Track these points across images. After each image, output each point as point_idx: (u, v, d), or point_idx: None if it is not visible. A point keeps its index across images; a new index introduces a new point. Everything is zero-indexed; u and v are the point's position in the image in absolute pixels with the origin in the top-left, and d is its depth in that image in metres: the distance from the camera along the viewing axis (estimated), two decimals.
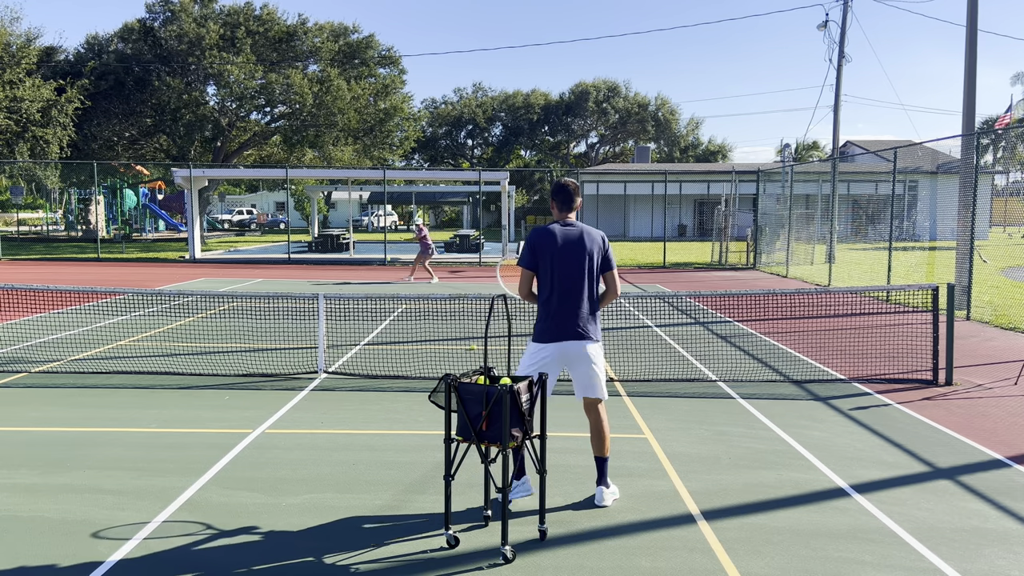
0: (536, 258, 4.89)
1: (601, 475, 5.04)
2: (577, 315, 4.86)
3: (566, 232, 4.92)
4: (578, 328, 4.87)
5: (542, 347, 4.89)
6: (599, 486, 5.01)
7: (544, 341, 4.88)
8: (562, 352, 4.87)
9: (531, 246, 4.91)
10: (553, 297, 4.86)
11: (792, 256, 22.96)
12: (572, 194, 5.04)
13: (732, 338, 11.31)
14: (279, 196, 65.92)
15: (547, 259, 4.86)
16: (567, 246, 4.87)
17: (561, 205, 5.05)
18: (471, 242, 30.37)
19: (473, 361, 9.44)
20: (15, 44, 30.63)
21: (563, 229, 4.93)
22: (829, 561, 4.21)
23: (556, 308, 4.86)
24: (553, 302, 4.87)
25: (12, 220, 52.59)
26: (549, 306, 4.88)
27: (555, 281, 4.85)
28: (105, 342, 10.58)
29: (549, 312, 4.87)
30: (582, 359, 4.89)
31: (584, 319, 4.88)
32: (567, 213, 5.05)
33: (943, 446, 6.25)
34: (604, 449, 5.00)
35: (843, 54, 26.76)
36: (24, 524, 4.59)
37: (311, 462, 5.72)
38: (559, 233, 4.91)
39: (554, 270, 4.86)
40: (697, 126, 70.31)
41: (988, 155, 69.68)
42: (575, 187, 5.08)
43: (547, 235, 4.89)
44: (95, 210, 35.31)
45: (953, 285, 8.27)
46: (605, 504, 4.96)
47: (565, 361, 4.90)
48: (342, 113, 35.07)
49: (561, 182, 5.07)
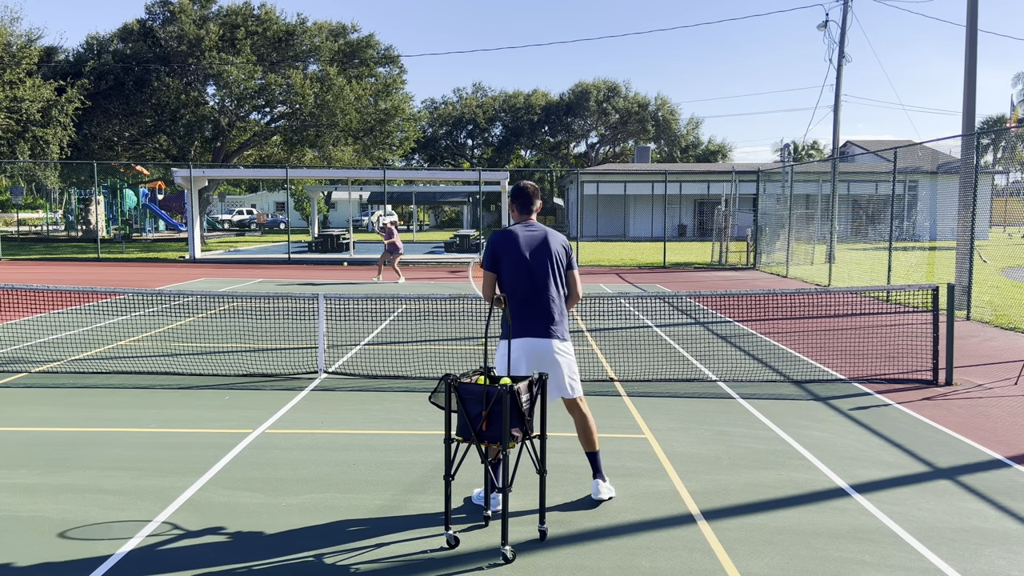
0: (498, 260, 4.87)
1: (596, 469, 5.07)
2: (543, 315, 4.84)
3: (528, 234, 4.92)
4: (544, 327, 4.84)
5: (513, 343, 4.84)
6: (595, 479, 5.05)
7: (511, 337, 4.83)
8: (529, 349, 4.81)
9: (492, 248, 4.89)
10: (518, 298, 4.84)
11: (792, 256, 22.96)
12: (531, 196, 5.04)
13: (732, 338, 11.31)
14: (279, 196, 65.93)
15: (510, 261, 4.84)
16: (530, 247, 4.87)
17: (521, 207, 5.05)
18: (471, 242, 30.36)
19: (473, 361, 9.44)
20: (15, 44, 30.63)
21: (525, 230, 4.93)
22: (829, 561, 4.21)
23: (521, 309, 4.83)
24: (518, 303, 4.84)
25: (12, 220, 52.59)
26: (515, 307, 4.85)
27: (519, 282, 4.83)
28: (105, 342, 10.58)
29: (515, 313, 4.84)
30: (550, 359, 4.85)
31: (550, 319, 4.86)
32: (527, 216, 5.05)
33: (943, 446, 6.25)
34: (593, 444, 5.02)
35: (843, 54, 26.77)
36: (24, 524, 4.59)
37: (311, 462, 5.72)
38: (521, 235, 4.90)
39: (518, 271, 4.84)
40: (697, 126, 70.36)
41: (988, 155, 69.67)
42: (534, 190, 5.08)
43: (508, 237, 4.88)
44: (95, 210, 35.32)
45: (953, 285, 8.27)
46: (602, 497, 4.98)
47: (535, 361, 4.84)
48: (343, 113, 35.07)
49: (520, 185, 5.08)
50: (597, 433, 5.09)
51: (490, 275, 4.91)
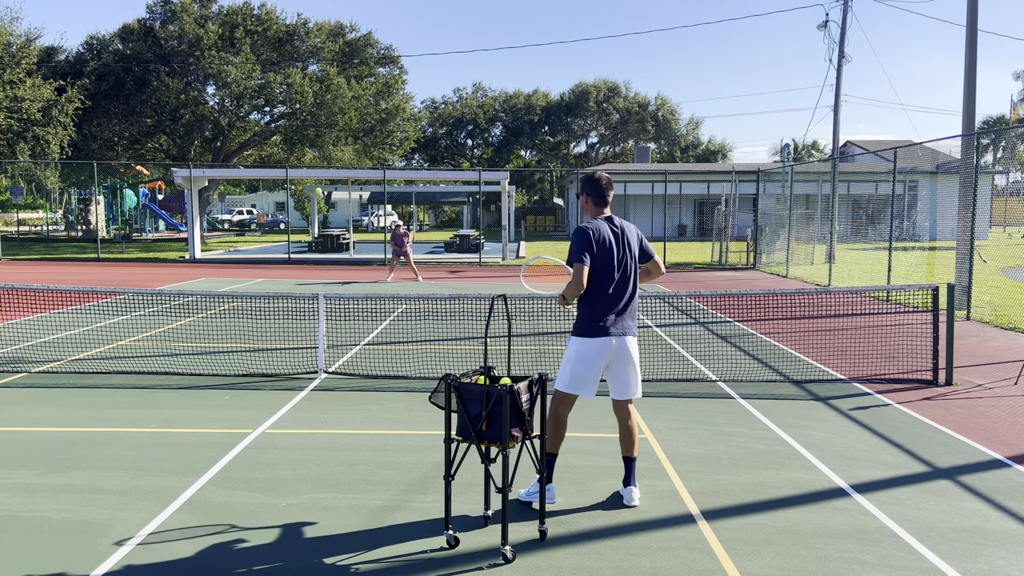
0: (591, 254, 4.77)
1: (629, 474, 5.02)
2: (629, 311, 4.89)
3: (613, 228, 4.88)
4: (629, 324, 4.89)
5: (591, 342, 4.79)
6: (627, 486, 5.00)
7: (597, 336, 4.78)
8: (613, 348, 4.82)
9: (586, 241, 4.78)
10: (608, 293, 4.80)
11: (792, 256, 22.96)
12: (605, 188, 4.94)
13: (732, 338, 11.31)
14: (279, 196, 65.92)
15: (603, 254, 4.79)
16: (619, 241, 4.85)
17: (597, 200, 4.94)
18: (471, 242, 30.36)
19: (473, 361, 9.43)
20: (15, 44, 30.62)
21: (611, 225, 4.89)
22: (829, 561, 4.21)
23: (612, 304, 4.82)
24: (608, 298, 4.81)
25: (12, 220, 52.59)
26: (603, 302, 4.80)
27: (608, 277, 4.80)
28: (105, 342, 10.58)
29: (603, 309, 4.80)
30: (627, 356, 4.88)
31: (633, 316, 4.92)
32: (603, 208, 4.95)
33: (943, 446, 6.25)
34: (634, 449, 5.01)
35: (843, 54, 26.77)
36: (24, 524, 4.59)
37: (311, 462, 5.72)
38: (609, 229, 4.86)
39: (607, 265, 4.80)
40: (697, 126, 70.30)
41: (988, 155, 69.67)
42: (608, 181, 4.95)
43: (602, 230, 4.83)
44: (95, 210, 35.32)
45: (953, 285, 8.27)
46: (635, 504, 4.95)
47: (610, 357, 4.84)
48: (343, 113, 35.06)
49: (596, 176, 4.93)
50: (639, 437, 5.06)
51: (583, 269, 4.77)
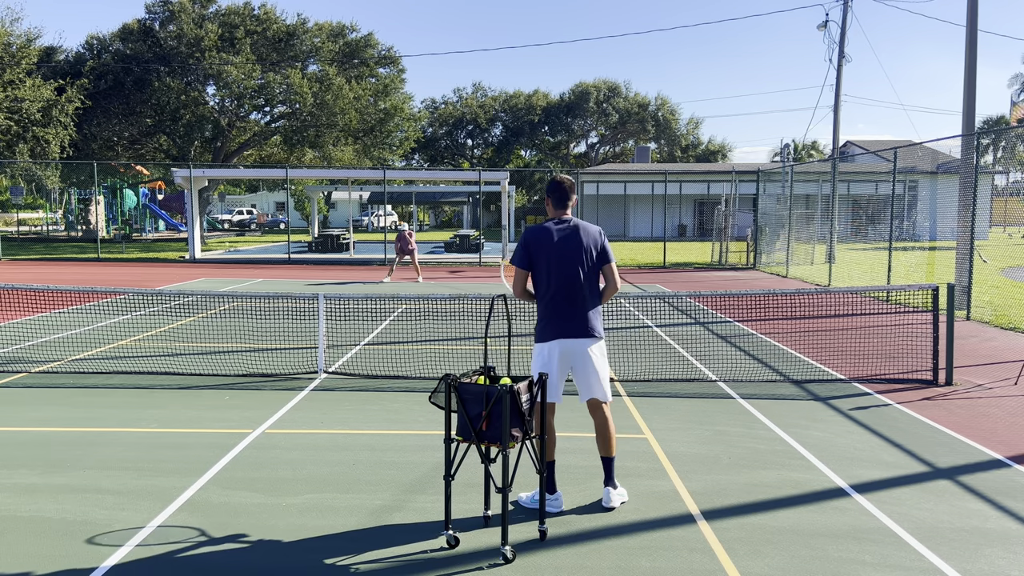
0: (531, 257, 4.82)
1: (608, 475, 4.97)
2: (578, 313, 4.79)
3: (561, 229, 4.85)
4: (580, 326, 4.80)
5: (544, 347, 4.83)
6: (606, 487, 4.94)
7: (546, 340, 4.82)
8: (565, 350, 4.80)
9: (525, 245, 4.84)
10: (552, 296, 4.79)
11: (792, 256, 22.96)
12: (567, 191, 4.93)
13: (732, 338, 11.31)
14: (279, 196, 65.90)
15: (543, 257, 4.78)
16: (563, 243, 4.80)
17: (556, 202, 4.94)
18: (471, 242, 30.36)
19: (473, 361, 9.43)
20: (15, 44, 30.61)
21: (558, 226, 4.86)
22: (829, 561, 4.21)
23: (556, 307, 4.79)
24: (552, 301, 4.80)
25: (12, 220, 52.58)
26: (548, 305, 4.81)
27: (553, 279, 4.78)
28: (105, 342, 10.58)
29: (549, 311, 4.81)
30: (584, 358, 4.83)
31: (585, 316, 4.81)
32: (563, 211, 4.95)
33: (943, 446, 6.25)
34: (610, 448, 4.95)
35: (843, 54, 26.78)
36: (24, 524, 4.58)
37: (311, 462, 5.72)
38: (554, 231, 4.84)
39: (551, 268, 4.78)
40: (697, 126, 70.29)
41: (988, 155, 69.68)
42: (571, 184, 4.95)
43: (542, 233, 4.82)
44: (95, 210, 35.34)
45: (953, 285, 8.27)
46: (613, 506, 4.87)
47: (569, 360, 4.84)
48: (343, 113, 35.06)
49: (557, 179, 4.96)
50: (615, 438, 5.01)
51: (522, 272, 4.87)
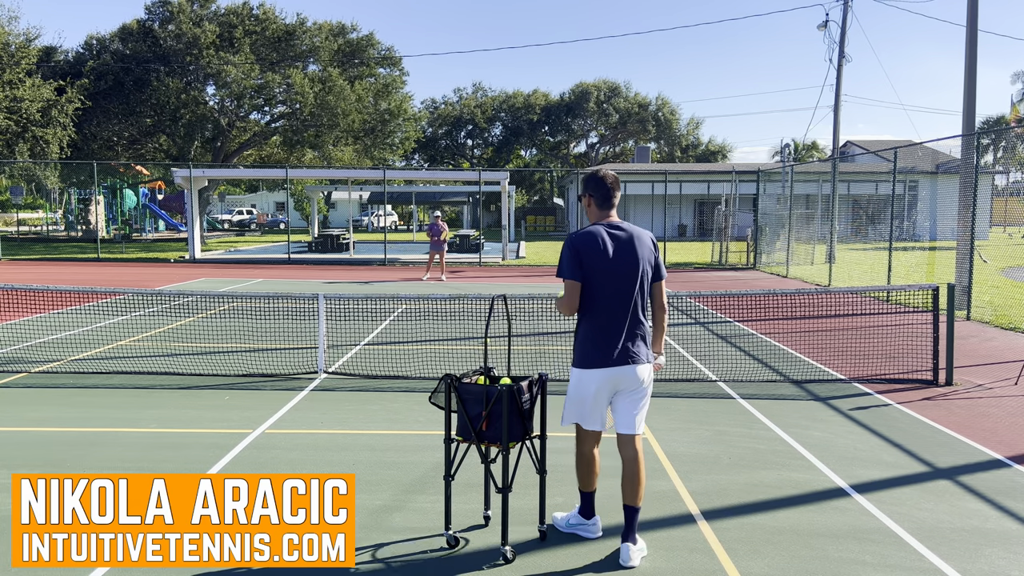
0: (583, 268, 4.06)
1: (629, 529, 4.17)
2: (631, 335, 4.13)
3: (615, 236, 4.11)
4: (635, 351, 4.13)
5: (588, 374, 4.14)
6: (625, 542, 4.15)
7: (593, 366, 4.11)
8: (614, 378, 4.12)
9: (575, 252, 4.06)
10: (602, 314, 4.08)
11: (792, 256, 22.96)
12: (611, 188, 4.17)
13: (732, 338, 11.31)
14: (279, 196, 65.89)
15: (595, 268, 4.05)
16: (619, 253, 4.08)
17: (601, 202, 4.20)
18: (471, 242, 30.36)
19: (473, 361, 9.43)
20: (14, 44, 30.61)
21: (610, 232, 4.12)
22: (829, 561, 4.21)
23: (608, 327, 4.08)
24: (603, 320, 4.09)
25: (12, 220, 52.58)
26: (597, 325, 4.10)
27: (605, 295, 4.07)
28: (105, 342, 10.58)
29: (597, 333, 4.09)
30: (634, 387, 4.17)
31: (639, 340, 4.16)
32: (608, 212, 4.21)
33: (943, 446, 6.25)
34: (637, 496, 4.18)
35: (843, 54, 26.80)
36: None
37: (311, 462, 5.72)
38: (607, 237, 4.09)
39: (604, 281, 4.06)
40: (697, 126, 70.27)
41: (988, 155, 69.70)
42: (614, 179, 4.18)
43: (592, 240, 4.07)
44: (95, 210, 35.33)
45: (953, 285, 8.27)
46: (632, 565, 4.07)
47: (615, 387, 4.17)
48: (344, 114, 35.06)
49: (599, 174, 4.19)
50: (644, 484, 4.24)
51: (575, 285, 4.06)
